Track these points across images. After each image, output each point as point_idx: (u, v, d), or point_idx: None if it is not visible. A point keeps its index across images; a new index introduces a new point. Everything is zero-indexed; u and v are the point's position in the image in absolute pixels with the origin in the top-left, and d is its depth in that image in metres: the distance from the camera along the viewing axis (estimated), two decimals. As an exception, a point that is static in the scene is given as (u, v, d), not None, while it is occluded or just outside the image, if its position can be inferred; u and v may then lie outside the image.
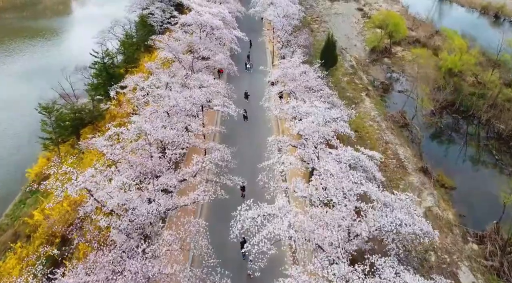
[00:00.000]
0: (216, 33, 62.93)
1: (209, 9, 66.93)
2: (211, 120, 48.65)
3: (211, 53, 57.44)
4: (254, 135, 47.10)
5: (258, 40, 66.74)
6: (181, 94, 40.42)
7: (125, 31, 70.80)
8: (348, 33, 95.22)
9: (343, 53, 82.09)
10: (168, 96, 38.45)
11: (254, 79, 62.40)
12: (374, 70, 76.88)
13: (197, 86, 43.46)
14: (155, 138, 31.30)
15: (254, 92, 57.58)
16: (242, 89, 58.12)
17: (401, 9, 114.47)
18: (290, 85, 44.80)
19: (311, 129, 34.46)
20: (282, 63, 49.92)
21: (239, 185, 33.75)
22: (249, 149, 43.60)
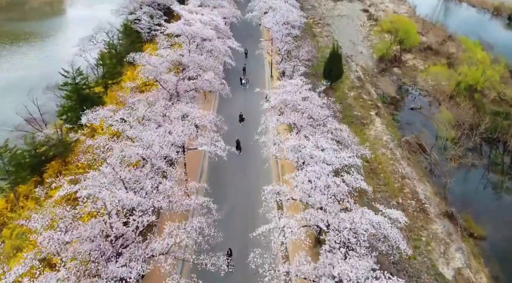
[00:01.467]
0: (208, 45, 54.87)
1: (200, 17, 58.91)
2: (195, 166, 40.36)
3: (201, 70, 49.58)
4: (248, 178, 39.10)
5: (255, 53, 58.53)
6: (158, 132, 32.70)
7: (108, 40, 62.63)
8: (353, 38, 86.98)
9: (349, 62, 73.96)
10: (141, 139, 30.76)
11: (250, 97, 54.41)
12: (383, 82, 68.79)
13: (179, 118, 35.68)
14: (114, 206, 23.47)
15: (250, 113, 49.84)
16: (235, 110, 50.35)
17: (408, 10, 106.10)
18: (292, 117, 36.89)
19: (317, 188, 26.74)
20: (281, 86, 41.97)
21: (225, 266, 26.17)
22: (241, 203, 35.75)
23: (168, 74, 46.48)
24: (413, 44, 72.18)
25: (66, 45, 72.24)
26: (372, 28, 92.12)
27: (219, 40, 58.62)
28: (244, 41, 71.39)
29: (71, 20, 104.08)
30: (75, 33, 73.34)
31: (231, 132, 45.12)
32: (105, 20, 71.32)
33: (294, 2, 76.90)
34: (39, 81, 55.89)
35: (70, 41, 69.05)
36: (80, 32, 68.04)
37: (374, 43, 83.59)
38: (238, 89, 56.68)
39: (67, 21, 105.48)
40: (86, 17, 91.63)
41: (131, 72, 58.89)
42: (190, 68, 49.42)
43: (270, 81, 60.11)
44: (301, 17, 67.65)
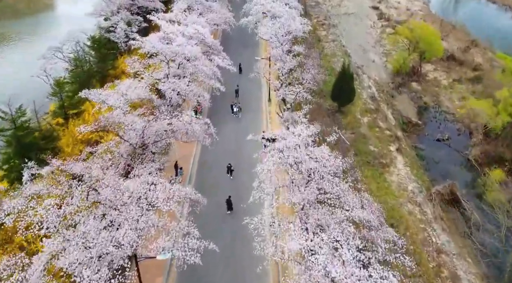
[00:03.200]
0: (190, 66, 43.70)
1: (184, 29, 47.41)
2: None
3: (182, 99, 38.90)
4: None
5: (250, 75, 46.97)
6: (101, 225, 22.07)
7: (75, 55, 51.32)
8: (363, 42, 75.32)
9: (360, 75, 62.64)
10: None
11: (243, 131, 43.37)
12: (401, 101, 57.60)
13: (136, 196, 24.84)
14: None
15: (243, 155, 39.03)
16: (224, 151, 39.52)
17: (422, 7, 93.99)
18: (296, 197, 25.99)
19: None
20: (281, 139, 30.94)
21: None
22: None
23: (133, 112, 35.46)
24: (436, 56, 60.66)
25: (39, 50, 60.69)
26: (384, 30, 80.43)
27: (206, 57, 47.47)
28: (238, 53, 60.43)
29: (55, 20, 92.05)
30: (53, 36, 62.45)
31: (218, 185, 34.65)
32: (74, 27, 59.93)
33: (296, 4, 65.18)
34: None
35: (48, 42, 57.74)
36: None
37: (388, 49, 72.11)
38: (228, 120, 45.77)
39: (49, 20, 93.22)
40: (72, 15, 79.63)
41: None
42: (167, 99, 38.62)
43: (268, 106, 49.03)
44: (305, 25, 56.00)
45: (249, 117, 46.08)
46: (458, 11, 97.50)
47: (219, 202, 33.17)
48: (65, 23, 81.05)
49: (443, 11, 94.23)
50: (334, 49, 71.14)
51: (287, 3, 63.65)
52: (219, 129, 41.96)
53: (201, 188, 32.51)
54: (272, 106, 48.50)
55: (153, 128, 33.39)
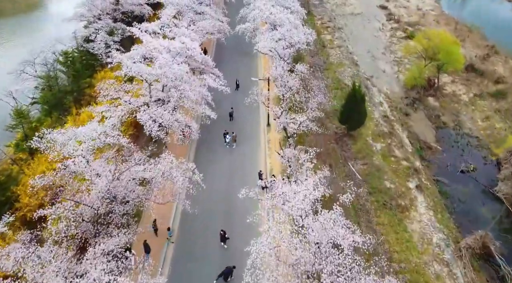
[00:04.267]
0: (175, 92, 36.77)
1: (169, 44, 40.27)
2: None
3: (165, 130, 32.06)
4: None
5: (245, 101, 39.59)
6: None
7: (45, 73, 44.31)
8: (372, 47, 67.96)
9: (369, 88, 55.54)
10: None
11: (236, 173, 36.62)
12: (416, 120, 50.62)
13: None
14: None
15: (237, 206, 32.18)
16: (212, 209, 32.65)
17: (434, 6, 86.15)
18: None
19: None
20: (282, 200, 24.21)
21: None
22: None
23: (101, 156, 28.67)
24: (456, 68, 53.44)
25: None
26: (394, 33, 72.97)
27: (195, 77, 40.53)
28: (234, 66, 53.32)
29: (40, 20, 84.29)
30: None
31: (208, 258, 28.04)
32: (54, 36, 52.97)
33: (298, 8, 57.82)
34: None
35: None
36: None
37: (399, 56, 64.77)
38: (220, 154, 38.86)
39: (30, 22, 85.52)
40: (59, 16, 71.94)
41: (72, 121, 40.88)
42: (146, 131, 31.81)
43: (267, 133, 42.06)
44: (309, 36, 48.74)
45: (245, 149, 39.28)
46: (471, 10, 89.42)
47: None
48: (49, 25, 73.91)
49: (454, 10, 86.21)
50: (340, 56, 63.88)
51: (288, 7, 56.45)
52: (208, 168, 35.26)
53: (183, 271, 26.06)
54: (271, 133, 41.56)
55: (122, 182, 26.54)
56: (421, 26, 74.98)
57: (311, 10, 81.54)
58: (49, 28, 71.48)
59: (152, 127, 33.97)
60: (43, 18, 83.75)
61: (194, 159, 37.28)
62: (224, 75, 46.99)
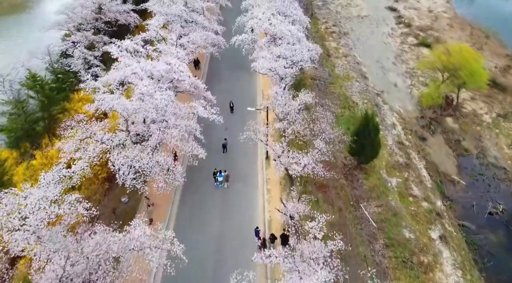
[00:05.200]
0: (157, 127, 30.70)
1: (151, 66, 34.12)
2: None
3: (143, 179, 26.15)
4: None
5: (240, 138, 33.07)
6: None
7: (13, 97, 38.18)
8: (381, 56, 61.53)
9: (380, 107, 49.28)
10: None
11: (229, 230, 30.55)
12: (434, 146, 44.50)
13: None
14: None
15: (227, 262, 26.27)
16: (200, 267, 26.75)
17: (446, 7, 79.34)
18: None
19: None
20: None
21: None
22: None
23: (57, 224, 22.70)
24: (479, 88, 47.12)
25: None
26: (405, 39, 66.45)
27: (181, 105, 34.38)
28: (229, 84, 47.21)
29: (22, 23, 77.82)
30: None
31: None
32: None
33: (300, 16, 51.38)
34: None
35: None
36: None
37: (412, 67, 58.39)
38: (208, 201, 32.74)
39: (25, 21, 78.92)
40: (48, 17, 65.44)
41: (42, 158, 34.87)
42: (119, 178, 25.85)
43: (265, 169, 35.96)
44: (313, 52, 42.42)
45: (239, 193, 33.11)
46: (484, 10, 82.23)
47: None
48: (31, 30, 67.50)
49: (467, 10, 79.16)
50: (347, 67, 57.46)
51: (289, 15, 50.00)
52: (193, 231, 29.28)
53: None
54: (270, 169, 35.42)
55: (79, 266, 20.60)
56: (434, 31, 68.49)
57: (314, 13, 75.03)
58: (30, 34, 65.15)
59: (126, 175, 27.88)
60: (25, 21, 77.14)
61: (177, 216, 31.16)
62: (218, 95, 40.89)
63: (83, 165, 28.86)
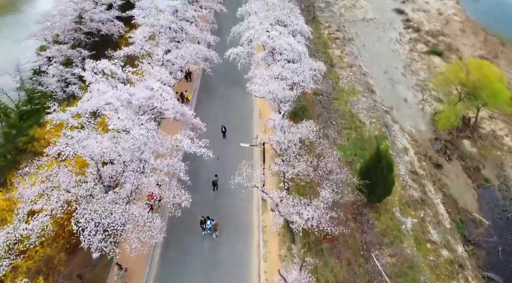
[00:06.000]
0: (132, 174, 25.55)
1: (129, 95, 29.10)
2: None
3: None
4: None
5: (231, 181, 27.77)
6: None
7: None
8: (389, 65, 56.15)
9: (390, 127, 44.06)
10: None
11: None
12: (452, 174, 39.42)
13: None
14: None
15: None
16: None
17: (456, 9, 73.64)
18: None
19: None
20: None
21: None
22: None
23: None
24: (501, 109, 41.88)
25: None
26: (414, 46, 60.98)
27: (163, 138, 29.33)
28: (222, 105, 42.21)
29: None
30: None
31: None
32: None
33: (302, 26, 45.96)
34: None
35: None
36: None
37: (422, 78, 53.09)
38: (194, 251, 27.70)
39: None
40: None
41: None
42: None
43: (261, 214, 30.88)
44: (317, 72, 37.13)
45: (230, 246, 28.06)
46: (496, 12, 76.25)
47: None
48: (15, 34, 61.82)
49: (478, 12, 73.24)
50: (352, 80, 52.12)
51: (289, 24, 44.63)
52: None
53: None
54: (267, 213, 30.35)
55: None
56: (445, 37, 62.93)
57: (316, 16, 69.38)
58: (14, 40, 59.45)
59: (93, 236, 22.87)
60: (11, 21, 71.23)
61: (155, 280, 26.11)
62: (209, 116, 35.84)
63: (44, 219, 23.93)
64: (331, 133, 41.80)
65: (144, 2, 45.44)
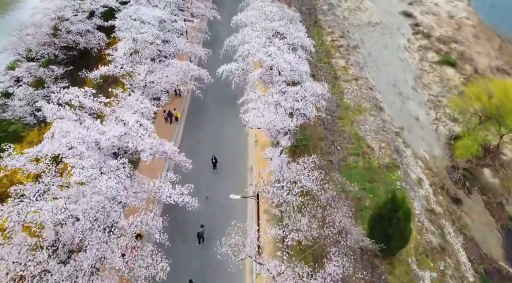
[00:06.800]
0: (96, 243, 20.41)
1: (99, 132, 23.94)
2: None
3: None
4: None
5: (218, 246, 22.94)
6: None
7: None
8: (398, 77, 50.91)
9: (401, 154, 38.97)
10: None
11: None
12: (472, 211, 34.44)
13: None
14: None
15: None
16: None
17: (468, 11, 67.99)
18: None
19: None
20: None
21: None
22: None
23: None
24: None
25: None
26: (424, 55, 55.67)
27: (137, 185, 24.35)
28: (213, 131, 36.91)
29: None
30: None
31: None
32: None
33: (304, 40, 40.58)
34: None
35: None
36: None
37: (435, 93, 47.91)
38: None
39: None
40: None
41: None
42: None
43: (255, 278, 25.85)
44: (321, 97, 31.95)
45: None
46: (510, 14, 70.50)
47: None
48: None
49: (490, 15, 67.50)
50: (358, 95, 46.91)
51: (289, 37, 39.39)
52: None
53: None
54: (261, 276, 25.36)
55: None
56: (458, 44, 57.51)
57: (318, 20, 63.81)
58: None
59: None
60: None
61: None
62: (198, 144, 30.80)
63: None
64: (336, 161, 36.84)
65: (128, 11, 40.07)
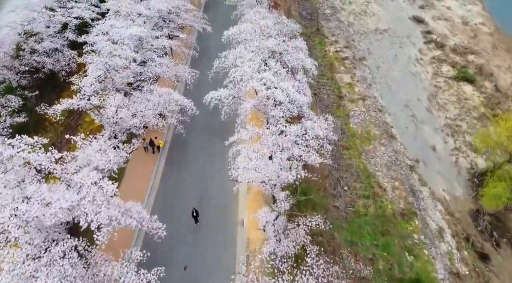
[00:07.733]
0: None
1: (39, 204, 17.92)
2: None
3: None
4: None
5: None
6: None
7: None
8: (410, 96, 45.02)
9: (418, 195, 33.12)
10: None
11: None
12: (503, 272, 28.82)
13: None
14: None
15: None
16: None
17: (483, 16, 61.63)
18: None
19: None
20: None
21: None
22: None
23: None
24: None
25: None
26: (438, 69, 49.57)
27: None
28: (196, 174, 30.94)
29: None
30: None
31: None
32: None
33: (306, 61, 34.46)
34: None
35: None
36: None
37: (452, 116, 41.97)
38: None
39: None
40: None
41: None
42: None
43: None
44: (325, 141, 26.05)
45: None
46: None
47: None
48: None
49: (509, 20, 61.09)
50: (366, 118, 41.04)
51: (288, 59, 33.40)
52: None
53: None
54: None
55: None
56: (475, 55, 51.31)
57: (320, 27, 57.52)
58: None
59: None
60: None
61: None
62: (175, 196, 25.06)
63: None
64: (343, 207, 31.10)
65: (101, 27, 33.93)
